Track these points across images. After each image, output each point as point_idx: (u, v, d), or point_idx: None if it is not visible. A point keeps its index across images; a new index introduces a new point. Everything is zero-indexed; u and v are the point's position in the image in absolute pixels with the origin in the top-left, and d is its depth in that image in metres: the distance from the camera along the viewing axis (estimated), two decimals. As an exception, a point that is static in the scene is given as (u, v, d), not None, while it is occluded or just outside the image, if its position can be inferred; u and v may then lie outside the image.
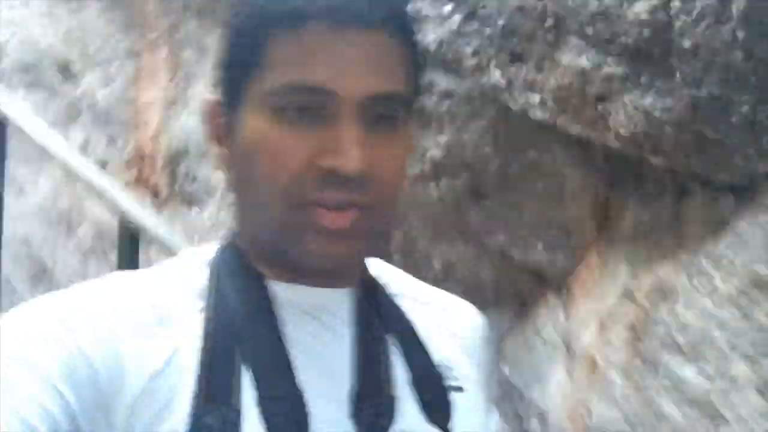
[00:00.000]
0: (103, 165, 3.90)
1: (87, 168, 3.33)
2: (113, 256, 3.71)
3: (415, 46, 0.72)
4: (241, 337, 0.68)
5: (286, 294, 0.72)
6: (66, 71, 4.16)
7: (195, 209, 3.62)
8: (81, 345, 0.63)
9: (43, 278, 3.90)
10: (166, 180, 3.69)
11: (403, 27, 0.70)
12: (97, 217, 3.91)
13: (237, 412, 0.64)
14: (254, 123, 0.67)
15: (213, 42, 3.56)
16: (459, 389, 0.77)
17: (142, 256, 3.06)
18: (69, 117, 4.00)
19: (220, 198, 3.58)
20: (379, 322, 0.76)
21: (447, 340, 0.81)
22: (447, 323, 0.83)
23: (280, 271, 0.73)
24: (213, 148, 0.75)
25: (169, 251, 2.73)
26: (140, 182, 3.77)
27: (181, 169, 3.65)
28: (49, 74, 4.08)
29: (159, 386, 0.64)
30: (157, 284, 0.71)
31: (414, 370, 0.74)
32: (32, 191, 4.13)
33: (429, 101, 2.01)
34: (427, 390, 0.74)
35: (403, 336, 0.77)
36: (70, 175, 3.25)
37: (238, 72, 0.69)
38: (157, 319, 0.67)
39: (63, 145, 3.32)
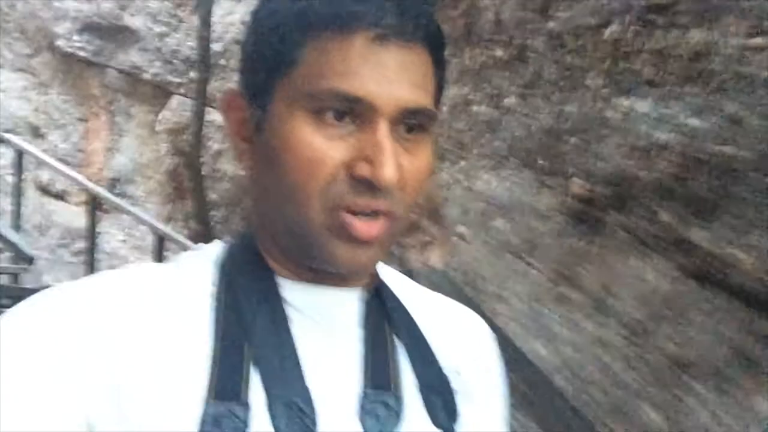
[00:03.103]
0: (64, 193, 6.18)
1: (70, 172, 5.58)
2: (75, 245, 5.98)
3: (443, 62, 0.70)
4: (251, 335, 0.66)
5: (296, 292, 0.69)
6: (36, 132, 6.44)
7: (124, 215, 5.91)
8: (93, 342, 0.61)
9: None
10: (108, 198, 5.97)
11: (439, 43, 0.69)
12: (61, 223, 6.18)
13: (246, 409, 0.62)
14: (288, 122, 0.65)
15: (137, 112, 5.97)
16: (466, 395, 0.74)
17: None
18: (39, 163, 6.25)
19: (140, 208, 5.92)
20: (387, 324, 0.73)
21: (453, 347, 0.77)
22: (452, 330, 0.79)
23: (292, 269, 0.70)
24: (233, 141, 0.70)
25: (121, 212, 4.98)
26: (89, 201, 6.03)
27: (116, 190, 5.97)
28: (24, 135, 6.31)
29: (169, 382, 0.62)
30: (166, 280, 0.68)
31: (421, 373, 0.72)
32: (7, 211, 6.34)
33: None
34: (434, 394, 0.71)
35: (411, 339, 0.74)
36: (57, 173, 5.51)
37: (269, 67, 0.66)
38: (166, 313, 0.65)
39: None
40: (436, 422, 0.69)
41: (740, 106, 1.54)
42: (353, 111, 0.63)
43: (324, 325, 0.69)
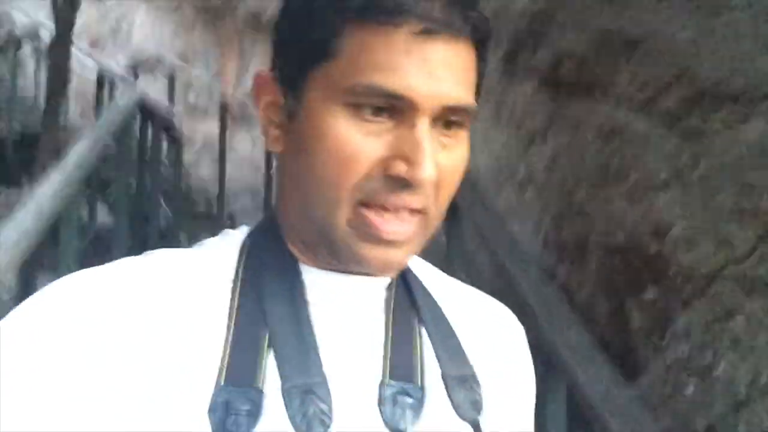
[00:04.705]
0: (206, 109, 7.87)
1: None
2: (214, 150, 7.66)
3: (487, 54, 0.67)
4: (270, 320, 0.65)
5: (320, 280, 0.69)
6: (186, 62, 8.15)
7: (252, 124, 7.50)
8: (113, 325, 0.61)
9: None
10: (238, 112, 7.61)
11: (486, 36, 0.66)
12: (204, 132, 7.90)
13: (260, 395, 0.62)
14: (324, 115, 0.62)
15: (259, 46, 7.53)
16: (493, 388, 0.73)
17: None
18: (186, 86, 7.95)
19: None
20: (413, 313, 0.72)
21: (480, 338, 0.76)
22: (482, 323, 0.78)
23: (316, 256, 0.69)
24: (265, 126, 0.68)
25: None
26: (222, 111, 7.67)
27: (244, 107, 7.57)
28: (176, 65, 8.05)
29: (185, 365, 0.62)
30: (188, 263, 0.68)
31: (446, 364, 0.71)
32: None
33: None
34: (459, 385, 0.70)
35: (438, 329, 0.73)
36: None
37: (304, 54, 0.64)
38: (187, 298, 0.65)
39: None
40: (460, 414, 0.69)
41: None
42: (393, 107, 0.61)
43: (347, 313, 0.69)
